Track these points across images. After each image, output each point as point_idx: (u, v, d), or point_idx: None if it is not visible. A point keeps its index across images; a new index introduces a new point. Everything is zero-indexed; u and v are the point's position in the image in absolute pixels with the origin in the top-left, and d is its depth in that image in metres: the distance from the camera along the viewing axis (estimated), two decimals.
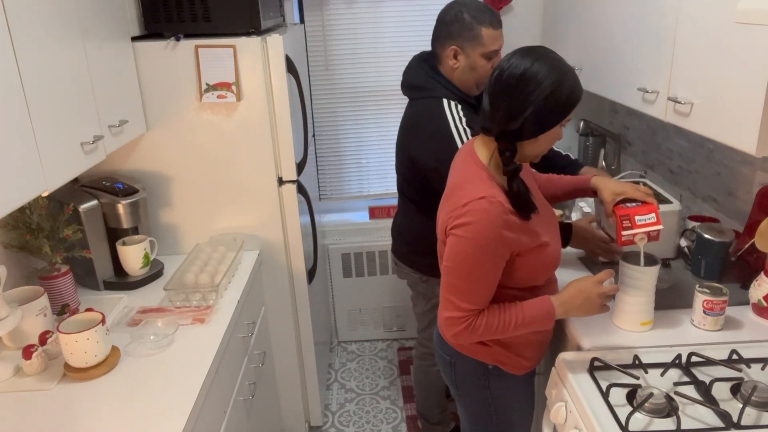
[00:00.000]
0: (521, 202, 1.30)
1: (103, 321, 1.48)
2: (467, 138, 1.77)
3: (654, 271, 1.46)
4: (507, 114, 1.25)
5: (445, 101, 1.82)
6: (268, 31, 2.20)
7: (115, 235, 1.95)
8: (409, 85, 1.96)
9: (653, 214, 1.43)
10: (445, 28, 1.83)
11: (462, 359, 1.52)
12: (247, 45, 1.97)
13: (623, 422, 1.18)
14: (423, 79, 1.89)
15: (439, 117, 1.80)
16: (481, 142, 1.39)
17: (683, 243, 1.84)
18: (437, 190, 1.55)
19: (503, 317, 1.35)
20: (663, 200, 1.85)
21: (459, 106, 1.83)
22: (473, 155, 1.38)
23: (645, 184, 1.94)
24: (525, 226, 1.32)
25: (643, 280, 1.46)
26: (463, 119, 1.81)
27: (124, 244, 1.93)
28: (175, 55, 1.97)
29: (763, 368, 1.34)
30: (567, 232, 1.76)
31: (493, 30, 1.80)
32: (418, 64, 1.94)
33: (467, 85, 1.88)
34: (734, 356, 1.37)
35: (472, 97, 1.93)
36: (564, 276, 1.67)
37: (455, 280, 1.32)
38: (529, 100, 1.22)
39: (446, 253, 1.34)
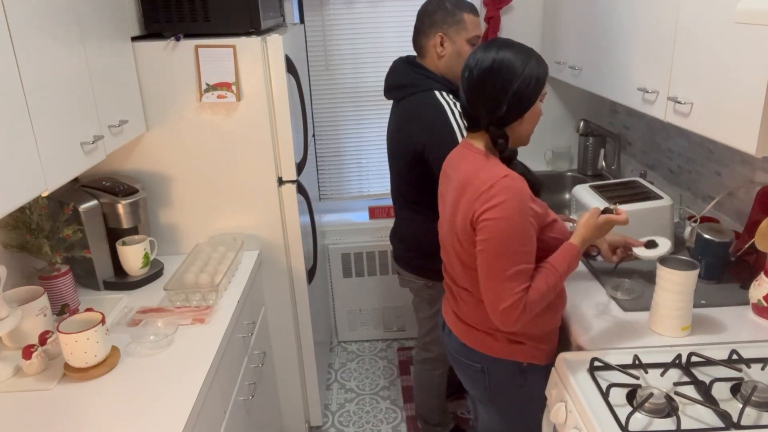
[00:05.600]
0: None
1: (103, 321, 1.48)
2: (463, 122, 1.81)
3: (694, 275, 1.44)
4: (491, 103, 1.34)
5: (436, 92, 1.88)
6: (268, 31, 2.20)
7: (115, 235, 1.95)
8: (396, 85, 1.99)
9: None
10: (429, 18, 1.91)
11: (495, 363, 1.52)
12: (247, 45, 1.97)
13: (623, 422, 1.18)
14: (411, 77, 1.94)
15: (434, 105, 1.86)
16: (472, 138, 1.45)
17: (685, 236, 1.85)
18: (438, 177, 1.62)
19: (548, 279, 1.35)
20: (654, 197, 1.88)
21: (450, 96, 1.90)
22: (472, 148, 1.43)
23: (636, 182, 1.96)
24: (539, 200, 1.40)
25: (683, 285, 1.44)
26: (457, 104, 1.87)
27: (124, 244, 1.93)
28: (175, 55, 1.97)
29: (763, 368, 1.34)
30: None
31: (474, 16, 1.91)
32: (403, 65, 1.99)
33: (453, 72, 1.94)
34: (734, 356, 1.37)
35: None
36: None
37: (501, 264, 1.31)
38: (506, 85, 1.32)
39: (483, 241, 1.33)
